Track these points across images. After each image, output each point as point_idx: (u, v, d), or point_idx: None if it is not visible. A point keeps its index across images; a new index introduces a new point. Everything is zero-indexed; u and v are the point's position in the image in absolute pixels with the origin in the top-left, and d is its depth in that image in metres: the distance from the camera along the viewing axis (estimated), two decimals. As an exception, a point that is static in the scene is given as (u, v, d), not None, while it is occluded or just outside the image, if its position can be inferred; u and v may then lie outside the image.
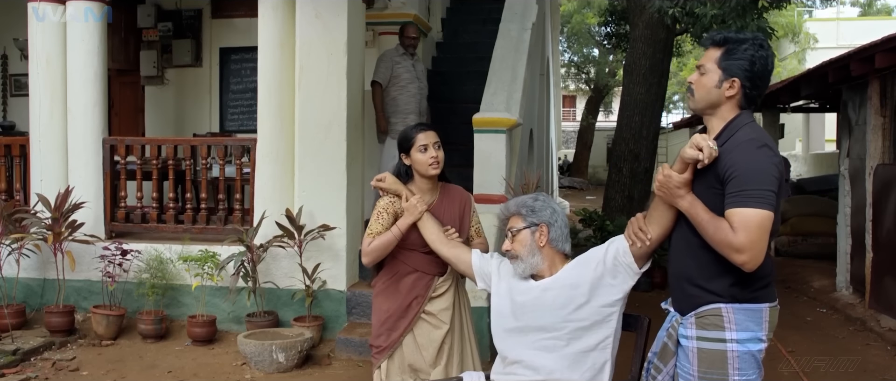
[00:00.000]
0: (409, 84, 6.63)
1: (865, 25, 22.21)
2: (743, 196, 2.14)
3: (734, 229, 2.14)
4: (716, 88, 2.30)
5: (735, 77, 2.27)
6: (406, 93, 6.60)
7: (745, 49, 2.28)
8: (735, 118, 2.30)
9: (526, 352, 2.61)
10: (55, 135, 6.07)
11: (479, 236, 3.30)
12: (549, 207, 2.72)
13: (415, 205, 3.04)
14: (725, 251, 2.17)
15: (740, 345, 2.26)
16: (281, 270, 5.66)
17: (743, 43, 2.29)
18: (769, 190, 2.15)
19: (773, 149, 2.23)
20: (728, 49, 2.30)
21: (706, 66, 2.32)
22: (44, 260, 5.91)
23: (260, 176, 5.75)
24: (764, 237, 2.15)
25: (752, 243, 2.13)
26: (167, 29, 8.20)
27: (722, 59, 2.30)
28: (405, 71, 6.64)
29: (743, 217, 2.14)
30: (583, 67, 25.28)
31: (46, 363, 5.07)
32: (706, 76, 2.32)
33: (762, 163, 2.17)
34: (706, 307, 2.29)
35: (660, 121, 9.92)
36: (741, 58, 2.28)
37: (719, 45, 2.32)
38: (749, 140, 2.21)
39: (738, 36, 2.31)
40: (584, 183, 22.76)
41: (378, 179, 3.16)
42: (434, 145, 3.10)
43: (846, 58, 6.59)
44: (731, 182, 2.17)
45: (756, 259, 2.16)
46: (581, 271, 2.59)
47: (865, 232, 6.72)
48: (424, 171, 3.11)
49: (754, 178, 2.15)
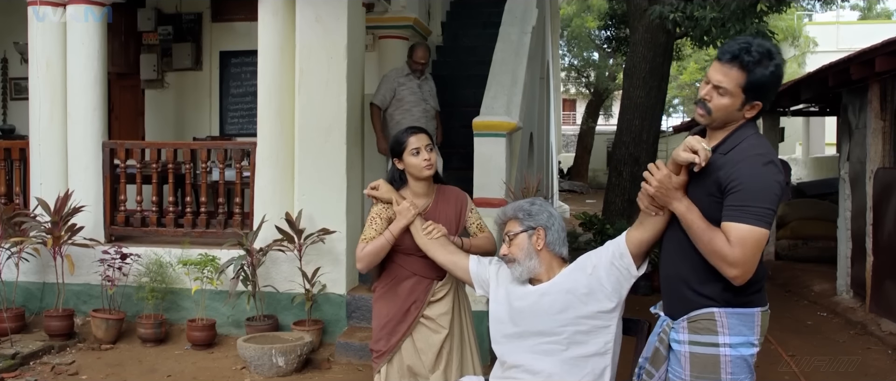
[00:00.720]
0: (414, 107, 6.30)
1: (865, 29, 22.21)
2: (744, 212, 2.13)
3: (730, 242, 2.14)
4: (737, 110, 2.25)
5: (758, 101, 2.24)
6: (410, 116, 6.23)
7: (771, 73, 2.19)
8: (740, 128, 2.28)
9: (525, 356, 2.61)
10: (55, 138, 6.07)
11: (482, 231, 3.28)
12: (546, 211, 2.73)
13: (406, 208, 3.03)
14: (717, 263, 2.17)
15: (733, 350, 2.25)
16: (281, 274, 5.66)
17: (764, 65, 2.18)
18: (770, 209, 2.14)
19: (778, 166, 2.21)
20: (754, 73, 2.18)
21: (727, 87, 2.21)
22: (43, 264, 5.90)
23: (260, 180, 5.75)
24: (757, 255, 2.16)
25: (746, 260, 2.14)
26: (167, 32, 8.20)
27: (747, 84, 2.19)
28: (410, 93, 6.32)
29: (741, 233, 2.13)
30: (583, 71, 25.29)
31: (46, 367, 5.07)
32: (727, 98, 2.22)
33: (767, 180, 2.15)
34: (699, 311, 2.29)
35: (660, 124, 9.92)
36: (765, 80, 2.20)
37: (744, 68, 2.18)
38: (756, 155, 2.19)
39: (758, 54, 2.18)
40: (585, 187, 22.76)
41: (372, 188, 3.16)
42: (426, 148, 3.09)
43: (846, 61, 6.59)
44: (734, 195, 2.15)
45: (747, 275, 2.17)
46: (578, 276, 2.59)
47: (866, 236, 6.72)
48: (418, 173, 3.11)
49: (758, 195, 2.14)
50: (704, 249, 2.19)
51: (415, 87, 6.31)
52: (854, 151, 7.27)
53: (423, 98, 6.34)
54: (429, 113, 6.52)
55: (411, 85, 6.30)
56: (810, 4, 14.58)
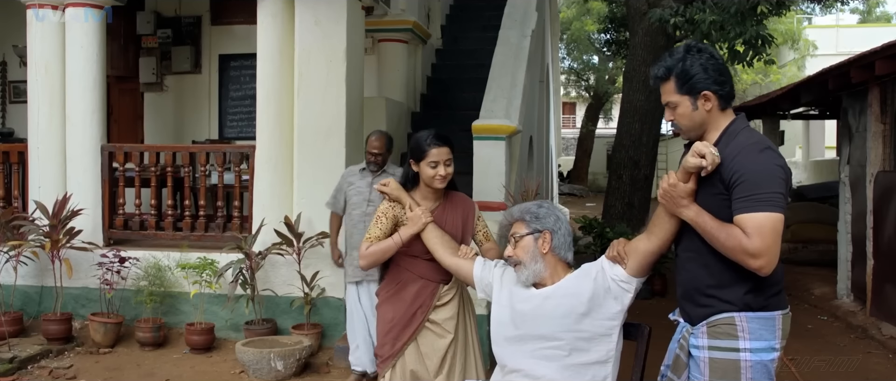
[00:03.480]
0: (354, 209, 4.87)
1: (865, 32, 22.23)
2: (753, 201, 2.12)
3: (748, 234, 2.11)
4: (694, 112, 2.30)
5: (702, 91, 2.27)
6: (350, 220, 4.90)
7: (690, 65, 2.28)
8: (730, 125, 2.29)
9: (525, 361, 2.59)
10: (54, 142, 6.05)
11: (488, 240, 3.27)
12: (553, 214, 2.70)
13: (419, 216, 3.01)
14: (740, 257, 2.14)
15: (754, 355, 2.23)
16: (279, 277, 5.64)
17: (682, 61, 2.29)
18: (778, 192, 2.13)
19: (775, 150, 2.22)
20: (676, 75, 2.30)
21: (672, 100, 2.33)
22: (42, 267, 5.88)
23: (259, 183, 5.73)
24: (778, 241, 2.13)
25: (767, 248, 2.11)
26: (166, 36, 8.19)
27: (678, 86, 2.30)
28: (356, 193, 4.87)
29: (756, 222, 2.11)
30: (582, 74, 25.32)
31: (43, 372, 5.05)
32: (679, 108, 2.32)
33: (768, 165, 2.16)
34: (718, 316, 2.26)
35: (660, 128, 9.92)
36: (692, 73, 2.27)
37: (665, 78, 2.32)
38: (752, 144, 2.20)
39: (674, 58, 2.31)
40: (584, 190, 22.75)
41: (383, 184, 3.14)
42: (445, 163, 3.08)
43: (846, 65, 6.58)
44: (739, 187, 2.15)
45: (771, 263, 2.13)
46: (582, 282, 2.57)
47: (866, 239, 6.70)
48: (430, 183, 3.11)
49: (762, 181, 2.13)
50: (723, 247, 2.17)
51: (364, 186, 4.83)
52: (854, 154, 7.26)
53: (369, 199, 4.79)
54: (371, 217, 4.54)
55: (360, 185, 4.86)
56: (810, 8, 14.60)
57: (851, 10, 22.77)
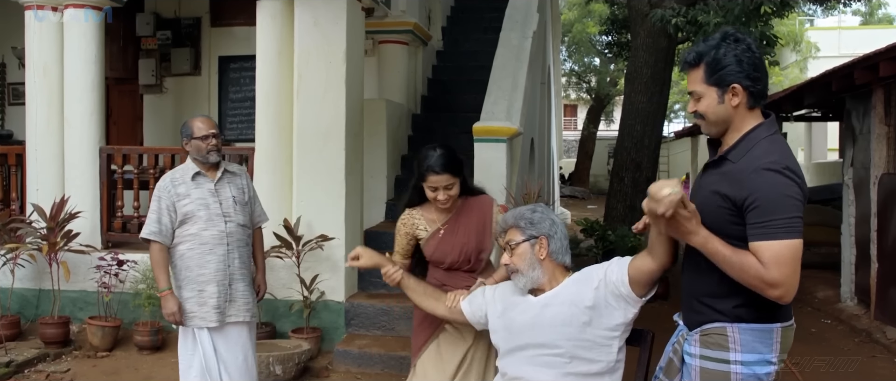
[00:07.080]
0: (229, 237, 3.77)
1: (867, 34, 22.22)
2: (771, 228, 2.01)
3: (765, 264, 2.00)
4: (719, 105, 2.14)
5: (732, 84, 2.13)
6: (215, 258, 3.77)
7: (724, 54, 2.12)
8: (752, 131, 2.14)
9: (526, 368, 2.55)
10: (52, 144, 6.02)
11: None
12: (549, 218, 2.65)
13: (390, 275, 2.96)
14: (756, 286, 2.04)
15: (745, 367, 2.14)
16: (279, 280, 5.60)
17: (716, 48, 2.13)
18: (796, 216, 2.03)
19: (792, 170, 2.06)
20: (707, 63, 2.14)
21: (697, 90, 2.17)
22: (39, 270, 5.84)
23: (257, 186, 5.65)
24: (798, 268, 2.03)
25: (786, 278, 2.01)
26: (166, 37, 8.17)
27: (707, 75, 2.14)
28: (199, 207, 3.71)
29: (775, 252, 2.00)
30: (584, 76, 25.28)
31: (41, 376, 5.02)
32: (704, 100, 2.17)
33: (786, 189, 2.03)
34: (711, 326, 2.19)
35: (661, 130, 9.90)
36: (725, 63, 2.11)
37: (695, 64, 2.16)
38: (770, 163, 2.05)
39: (708, 44, 2.15)
40: (586, 192, 22.69)
41: (352, 259, 2.99)
42: (445, 188, 3.06)
43: (850, 66, 6.54)
44: (754, 211, 2.03)
45: (791, 292, 2.04)
46: (582, 289, 2.52)
47: (870, 242, 6.66)
48: (434, 204, 3.15)
49: (780, 207, 2.02)
50: (738, 277, 2.05)
51: (206, 193, 3.72)
52: (858, 156, 7.21)
53: (222, 212, 3.75)
54: (233, 236, 3.75)
55: (199, 193, 3.72)
56: (812, 9, 14.58)
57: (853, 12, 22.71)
